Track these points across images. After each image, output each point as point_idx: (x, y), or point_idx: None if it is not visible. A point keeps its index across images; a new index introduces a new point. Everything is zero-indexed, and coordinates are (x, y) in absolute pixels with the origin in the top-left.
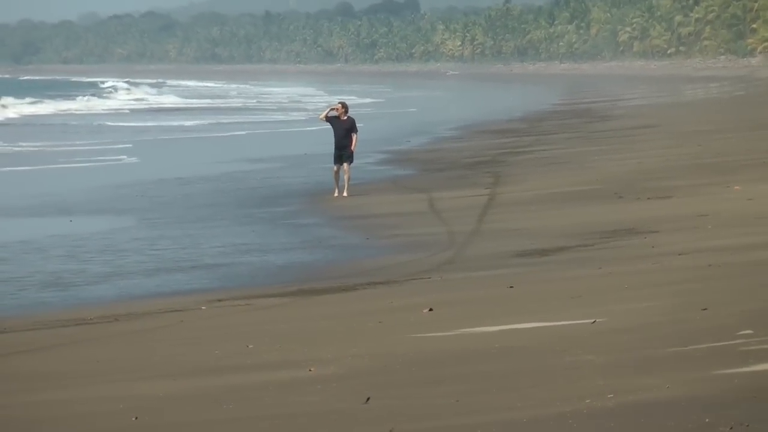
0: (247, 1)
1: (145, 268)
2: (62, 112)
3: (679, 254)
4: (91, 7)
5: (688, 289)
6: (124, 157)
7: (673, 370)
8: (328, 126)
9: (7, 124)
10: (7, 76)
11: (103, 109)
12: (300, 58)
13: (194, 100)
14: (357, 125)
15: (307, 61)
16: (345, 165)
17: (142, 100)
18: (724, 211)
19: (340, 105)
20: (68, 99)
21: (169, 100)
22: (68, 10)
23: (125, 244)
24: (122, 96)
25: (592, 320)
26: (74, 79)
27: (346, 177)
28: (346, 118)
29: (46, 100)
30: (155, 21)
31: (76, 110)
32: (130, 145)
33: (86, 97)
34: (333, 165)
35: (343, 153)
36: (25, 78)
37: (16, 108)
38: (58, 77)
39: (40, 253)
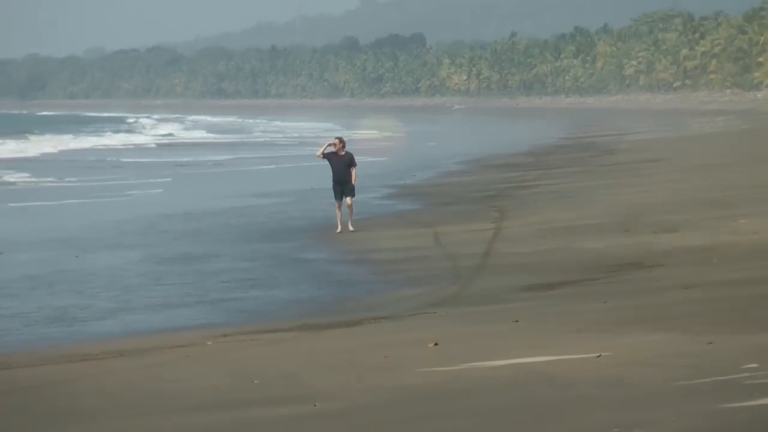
0: (253, 35)
1: (152, 304)
2: (98, 147)
3: (685, 288)
4: (97, 42)
5: (693, 323)
6: (137, 192)
7: (679, 403)
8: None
9: (42, 159)
10: (24, 111)
11: (134, 144)
12: (306, 92)
13: (221, 135)
14: (356, 159)
15: (313, 95)
16: (348, 199)
17: (171, 135)
18: (729, 245)
19: (337, 140)
20: (99, 134)
21: (197, 135)
22: (75, 44)
23: (131, 279)
24: (151, 131)
25: (598, 354)
26: (91, 114)
27: (349, 211)
28: (344, 153)
29: (81, 136)
30: (161, 55)
31: (108, 145)
32: (153, 181)
33: (117, 133)
34: (335, 201)
35: (344, 187)
36: (43, 113)
37: (51, 143)
38: (72, 112)
39: (46, 288)
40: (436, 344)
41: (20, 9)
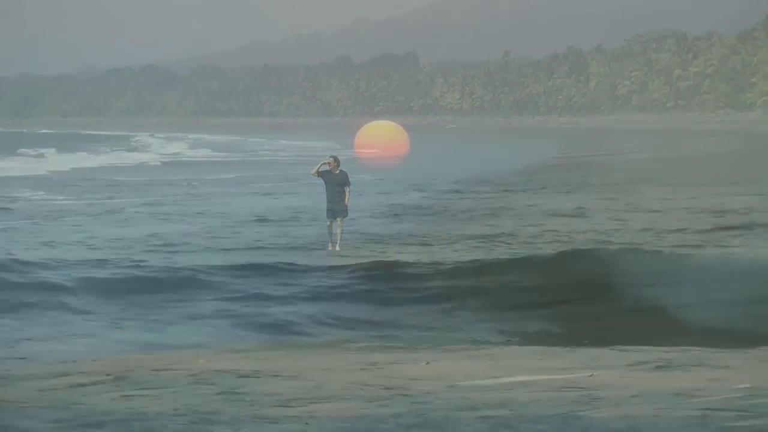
0: (246, 54)
1: (144, 321)
2: (107, 166)
3: (678, 307)
4: (90, 61)
5: (686, 342)
6: (142, 209)
7: (672, 424)
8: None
9: (54, 178)
10: (24, 130)
11: (142, 163)
12: (299, 111)
13: (227, 154)
14: (350, 179)
15: (306, 114)
16: (338, 219)
17: (178, 154)
18: (723, 265)
19: (332, 159)
20: (107, 153)
21: (203, 153)
22: (68, 63)
23: (122, 297)
24: (159, 150)
25: (590, 374)
26: (91, 132)
27: (338, 231)
28: (338, 172)
29: (93, 154)
30: (154, 74)
31: (116, 164)
32: (159, 198)
33: (124, 152)
34: (327, 219)
35: (337, 207)
36: (42, 131)
37: (62, 161)
38: (71, 131)
39: (35, 307)
40: (428, 363)
41: (12, 26)
